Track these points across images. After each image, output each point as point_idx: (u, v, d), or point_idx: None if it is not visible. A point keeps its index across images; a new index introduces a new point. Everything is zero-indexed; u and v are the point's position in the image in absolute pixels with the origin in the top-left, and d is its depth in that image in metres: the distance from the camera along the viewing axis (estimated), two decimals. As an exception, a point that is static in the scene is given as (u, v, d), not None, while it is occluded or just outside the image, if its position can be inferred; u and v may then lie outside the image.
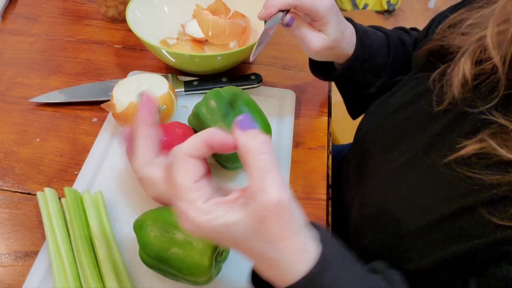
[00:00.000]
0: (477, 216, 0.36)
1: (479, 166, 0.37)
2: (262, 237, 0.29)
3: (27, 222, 0.51)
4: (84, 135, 0.61)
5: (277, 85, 0.69)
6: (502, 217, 0.35)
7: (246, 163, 0.29)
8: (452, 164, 0.39)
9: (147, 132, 0.36)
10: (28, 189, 0.54)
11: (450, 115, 0.43)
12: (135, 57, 0.74)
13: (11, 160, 0.57)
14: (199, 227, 0.29)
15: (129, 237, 0.49)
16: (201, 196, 0.30)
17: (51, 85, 0.68)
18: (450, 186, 0.39)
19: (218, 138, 0.31)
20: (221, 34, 0.70)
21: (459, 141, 0.39)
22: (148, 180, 0.35)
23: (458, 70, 0.41)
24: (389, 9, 2.29)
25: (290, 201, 0.29)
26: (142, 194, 0.51)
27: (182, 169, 0.31)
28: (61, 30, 0.78)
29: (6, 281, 0.46)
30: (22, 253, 0.49)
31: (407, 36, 0.64)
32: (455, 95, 0.42)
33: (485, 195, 0.36)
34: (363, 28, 0.57)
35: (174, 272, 0.43)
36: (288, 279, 0.30)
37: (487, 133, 0.37)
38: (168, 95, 0.57)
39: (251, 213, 0.29)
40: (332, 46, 0.53)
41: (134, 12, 0.69)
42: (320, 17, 0.50)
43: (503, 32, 0.38)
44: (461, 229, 0.38)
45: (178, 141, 0.49)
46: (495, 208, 0.36)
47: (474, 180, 0.37)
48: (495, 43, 0.38)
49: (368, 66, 0.58)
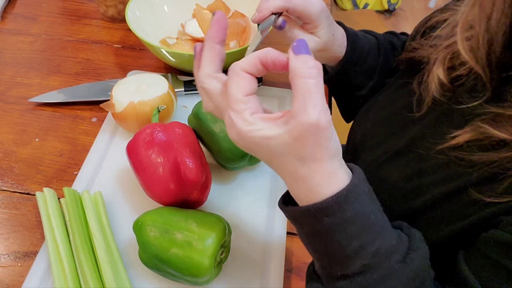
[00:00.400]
0: (467, 196, 0.38)
1: (472, 149, 0.38)
2: (296, 154, 0.32)
3: (26, 222, 0.51)
4: (84, 135, 0.61)
5: (277, 85, 0.69)
6: (490, 195, 0.36)
7: (293, 85, 0.31)
8: (445, 150, 0.40)
9: (214, 48, 0.38)
10: (27, 189, 0.54)
11: (438, 110, 0.44)
12: (135, 57, 0.73)
13: (10, 160, 0.57)
14: (241, 136, 0.33)
15: (129, 238, 0.49)
16: (249, 108, 0.33)
17: (51, 85, 0.67)
18: (442, 170, 0.41)
19: (273, 56, 0.33)
20: (221, 33, 0.70)
21: (451, 131, 0.40)
22: (207, 90, 0.37)
23: (433, 77, 0.44)
24: (390, 9, 2.28)
25: (328, 126, 0.31)
26: (141, 194, 0.50)
27: (236, 82, 0.34)
28: (60, 30, 0.78)
29: (6, 281, 0.46)
30: (22, 254, 0.48)
31: (397, 39, 0.67)
32: (435, 96, 0.44)
33: (475, 175, 0.38)
34: (353, 31, 0.59)
35: (174, 272, 0.43)
36: (314, 198, 0.33)
37: (480, 121, 0.38)
38: (167, 95, 0.57)
39: (289, 131, 0.31)
40: (323, 48, 0.55)
41: (134, 12, 0.69)
42: (312, 20, 0.51)
43: (472, 38, 0.40)
44: (452, 210, 0.39)
45: (178, 141, 0.49)
46: (484, 187, 0.37)
47: (466, 161, 0.38)
48: (467, 48, 0.40)
49: (359, 68, 0.60)
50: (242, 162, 0.52)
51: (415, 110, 0.46)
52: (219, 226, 0.43)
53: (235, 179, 0.56)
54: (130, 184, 0.54)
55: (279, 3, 0.50)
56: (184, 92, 0.65)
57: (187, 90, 0.66)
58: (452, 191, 0.39)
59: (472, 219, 0.37)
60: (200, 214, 0.45)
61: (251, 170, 0.57)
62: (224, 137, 0.50)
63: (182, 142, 0.49)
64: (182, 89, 0.65)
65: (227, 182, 0.56)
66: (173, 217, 0.44)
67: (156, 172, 0.46)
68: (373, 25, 1.75)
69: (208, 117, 0.51)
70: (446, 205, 0.40)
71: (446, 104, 0.43)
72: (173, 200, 0.48)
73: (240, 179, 0.56)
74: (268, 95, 0.67)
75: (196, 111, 0.53)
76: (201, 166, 0.48)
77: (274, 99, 0.67)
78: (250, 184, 0.55)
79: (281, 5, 0.50)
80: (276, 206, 0.53)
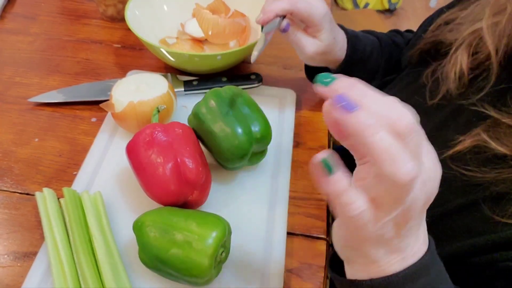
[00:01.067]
0: (478, 213, 0.37)
1: (474, 162, 0.38)
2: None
3: (25, 223, 0.51)
4: (83, 135, 0.61)
5: (277, 85, 0.69)
6: (503, 215, 0.35)
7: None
8: (448, 161, 0.40)
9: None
10: (26, 190, 0.54)
11: (446, 110, 0.44)
12: (134, 57, 0.73)
13: (9, 160, 0.57)
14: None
15: (129, 238, 0.49)
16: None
17: (50, 85, 0.67)
18: (447, 184, 0.40)
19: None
20: (221, 33, 0.70)
21: (454, 137, 0.40)
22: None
23: (455, 63, 0.43)
24: (390, 8, 2.28)
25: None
26: (141, 194, 0.50)
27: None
28: (60, 30, 0.77)
29: (5, 281, 0.46)
30: (21, 254, 0.48)
31: (400, 37, 0.67)
32: (450, 88, 0.43)
33: (485, 192, 0.37)
34: (354, 33, 0.60)
35: (174, 272, 0.43)
36: (380, 270, 0.30)
37: (481, 128, 0.38)
38: (167, 95, 0.57)
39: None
40: (325, 51, 0.55)
41: (133, 11, 0.69)
42: (315, 23, 0.52)
43: (498, 23, 0.39)
44: (462, 226, 0.38)
45: (178, 141, 0.49)
46: (496, 205, 0.36)
47: (468, 177, 0.38)
48: (490, 33, 0.40)
49: (361, 68, 0.60)
50: (242, 162, 0.52)
51: (428, 100, 0.45)
52: (219, 226, 0.43)
53: (235, 179, 0.56)
54: (130, 184, 0.54)
55: (285, 6, 0.50)
56: (184, 92, 0.65)
57: (187, 90, 0.65)
58: (461, 206, 0.38)
59: (484, 238, 0.36)
60: (200, 214, 0.45)
61: (251, 170, 0.57)
62: (224, 137, 0.50)
63: (182, 142, 0.49)
64: (182, 89, 0.65)
65: (227, 182, 0.55)
66: (173, 217, 0.44)
67: (156, 172, 0.46)
68: (373, 24, 1.75)
69: (208, 117, 0.51)
70: (455, 220, 0.39)
71: (457, 100, 0.42)
72: (173, 200, 0.47)
73: (240, 179, 0.56)
74: (268, 95, 0.67)
75: (196, 111, 0.53)
76: (201, 166, 0.48)
77: (274, 98, 0.66)
78: (250, 184, 0.55)
79: (286, 8, 0.50)
80: (276, 206, 0.53)
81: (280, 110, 0.65)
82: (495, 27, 0.40)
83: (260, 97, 0.65)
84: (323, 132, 0.64)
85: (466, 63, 0.42)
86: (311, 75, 0.65)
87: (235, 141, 0.49)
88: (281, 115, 0.64)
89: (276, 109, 0.65)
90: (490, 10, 0.41)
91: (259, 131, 0.51)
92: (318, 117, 0.66)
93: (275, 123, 0.62)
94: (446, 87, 0.44)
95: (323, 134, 0.63)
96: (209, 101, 0.52)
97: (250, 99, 0.54)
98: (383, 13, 2.32)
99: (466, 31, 0.44)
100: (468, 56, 0.43)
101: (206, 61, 0.64)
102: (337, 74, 0.28)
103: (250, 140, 0.50)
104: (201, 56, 0.63)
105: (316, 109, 0.67)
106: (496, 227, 0.36)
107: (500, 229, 0.36)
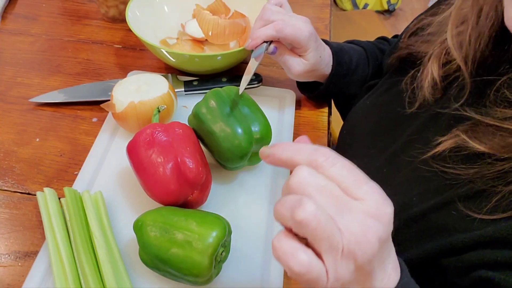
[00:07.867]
0: (454, 211, 0.38)
1: (454, 160, 0.39)
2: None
3: (26, 222, 0.51)
4: (84, 135, 0.61)
5: (277, 85, 0.69)
6: (479, 212, 0.36)
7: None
8: (429, 160, 0.41)
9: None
10: (27, 189, 0.54)
11: (425, 115, 0.45)
12: (135, 57, 0.74)
13: (10, 160, 0.57)
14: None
15: (129, 237, 0.49)
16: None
17: (51, 85, 0.68)
18: (426, 182, 0.41)
19: None
20: (221, 34, 0.70)
21: (435, 138, 0.41)
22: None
23: (427, 73, 0.45)
24: (389, 9, 2.29)
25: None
26: (142, 194, 0.50)
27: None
28: (61, 30, 0.78)
29: (6, 281, 0.46)
30: (22, 253, 0.49)
31: (387, 44, 0.69)
32: (426, 96, 0.44)
33: (462, 190, 0.38)
34: (339, 47, 0.62)
35: (174, 272, 0.43)
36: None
37: (460, 129, 0.39)
38: (168, 95, 0.57)
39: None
40: (311, 69, 0.57)
41: (134, 12, 0.69)
42: (301, 45, 0.54)
43: (461, 33, 0.41)
44: (439, 224, 0.39)
45: (178, 141, 0.49)
46: (471, 202, 0.37)
47: (449, 175, 0.39)
48: (456, 44, 0.41)
49: (349, 80, 0.62)
50: (242, 162, 0.52)
51: (406, 107, 0.47)
52: (219, 226, 0.43)
53: (235, 179, 0.56)
54: (131, 184, 0.54)
55: (271, 33, 0.53)
56: (184, 92, 0.66)
57: (187, 90, 0.66)
58: (439, 203, 0.39)
59: (462, 236, 0.37)
60: (200, 214, 0.45)
61: (251, 170, 0.57)
62: (224, 137, 0.50)
63: (183, 142, 0.49)
64: (182, 89, 0.65)
65: (227, 182, 0.56)
66: (173, 217, 0.44)
67: (157, 172, 0.46)
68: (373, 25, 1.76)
69: (208, 117, 0.51)
70: (433, 218, 0.39)
71: (434, 106, 0.44)
72: (173, 200, 0.48)
73: (240, 179, 0.56)
74: (268, 95, 0.67)
75: (196, 111, 0.53)
76: (201, 166, 0.48)
77: (274, 99, 0.67)
78: (250, 184, 0.56)
79: (272, 35, 0.53)
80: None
81: (280, 110, 0.65)
82: (459, 38, 0.41)
83: (260, 97, 0.65)
84: (322, 132, 0.64)
85: (437, 73, 0.44)
86: (303, 87, 0.67)
87: (235, 141, 0.49)
88: (281, 115, 0.64)
89: (276, 109, 0.65)
90: (451, 23, 0.42)
91: (259, 131, 0.52)
92: (317, 117, 0.66)
93: (275, 123, 0.62)
94: (423, 95, 0.45)
95: (322, 134, 0.64)
96: (209, 101, 0.52)
97: (250, 100, 0.54)
98: (382, 13, 2.32)
99: (436, 42, 0.45)
100: (438, 67, 0.44)
101: (206, 61, 0.64)
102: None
103: (250, 140, 0.50)
104: (201, 57, 0.63)
105: (315, 109, 0.67)
106: (472, 225, 0.36)
107: (476, 227, 0.36)
